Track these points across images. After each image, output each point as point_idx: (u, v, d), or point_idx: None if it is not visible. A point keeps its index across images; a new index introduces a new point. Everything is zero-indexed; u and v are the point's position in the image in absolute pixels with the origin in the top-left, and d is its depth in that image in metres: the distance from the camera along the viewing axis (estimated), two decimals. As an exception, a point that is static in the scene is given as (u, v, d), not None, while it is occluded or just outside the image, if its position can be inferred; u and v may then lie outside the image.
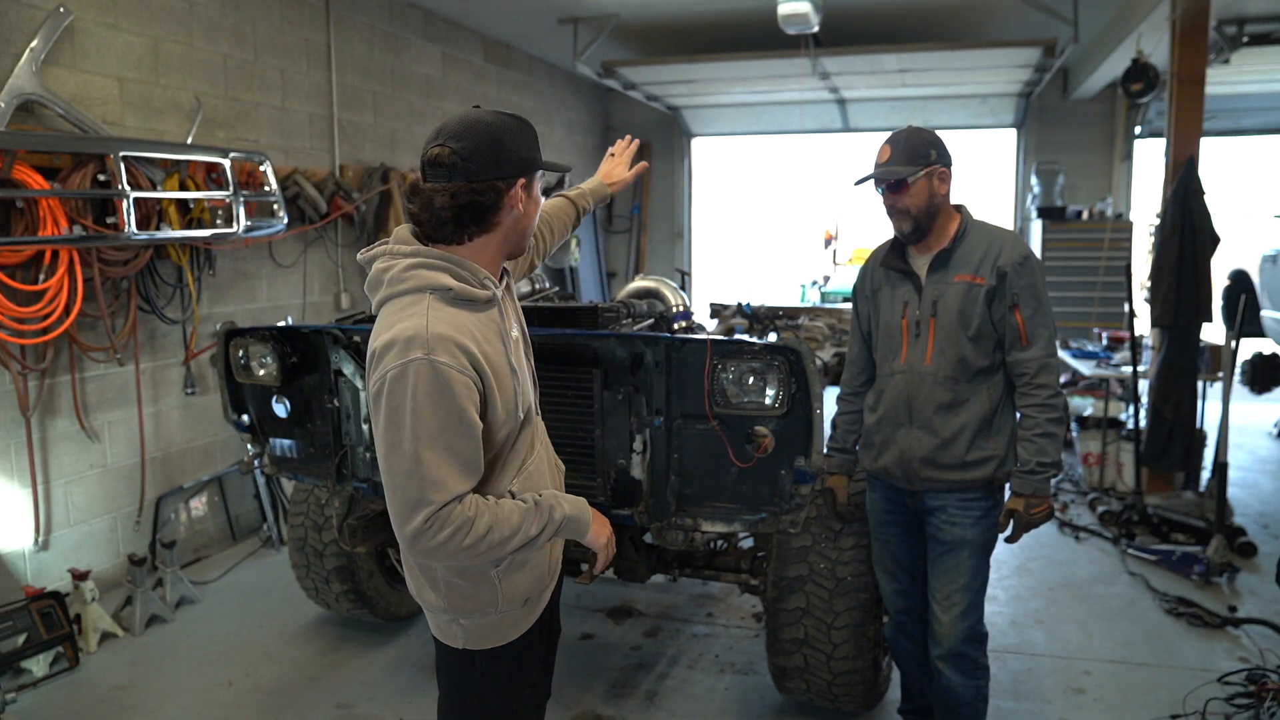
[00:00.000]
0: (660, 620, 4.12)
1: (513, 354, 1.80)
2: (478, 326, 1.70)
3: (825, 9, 5.98)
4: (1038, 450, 2.52)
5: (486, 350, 1.69)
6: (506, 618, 1.88)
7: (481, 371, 1.67)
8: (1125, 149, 9.07)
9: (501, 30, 7.78)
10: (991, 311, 2.55)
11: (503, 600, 1.84)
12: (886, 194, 2.59)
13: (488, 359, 1.69)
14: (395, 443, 1.61)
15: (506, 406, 1.75)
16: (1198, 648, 3.82)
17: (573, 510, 1.84)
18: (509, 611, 1.87)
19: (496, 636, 1.88)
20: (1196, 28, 5.42)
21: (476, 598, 1.83)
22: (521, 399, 1.80)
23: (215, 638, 4.00)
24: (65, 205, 3.84)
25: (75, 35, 4.11)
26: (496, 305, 1.77)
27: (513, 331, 1.84)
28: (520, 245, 1.81)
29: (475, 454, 1.67)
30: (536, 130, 1.79)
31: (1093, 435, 6.01)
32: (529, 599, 1.90)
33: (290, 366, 3.13)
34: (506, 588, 1.84)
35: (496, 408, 1.72)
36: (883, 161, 2.57)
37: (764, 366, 2.55)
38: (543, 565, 1.91)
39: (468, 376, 1.63)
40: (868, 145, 2.71)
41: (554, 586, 2.02)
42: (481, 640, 1.87)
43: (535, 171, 1.77)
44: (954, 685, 2.68)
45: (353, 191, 5.84)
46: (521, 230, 1.79)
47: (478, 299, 1.72)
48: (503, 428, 1.76)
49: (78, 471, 4.28)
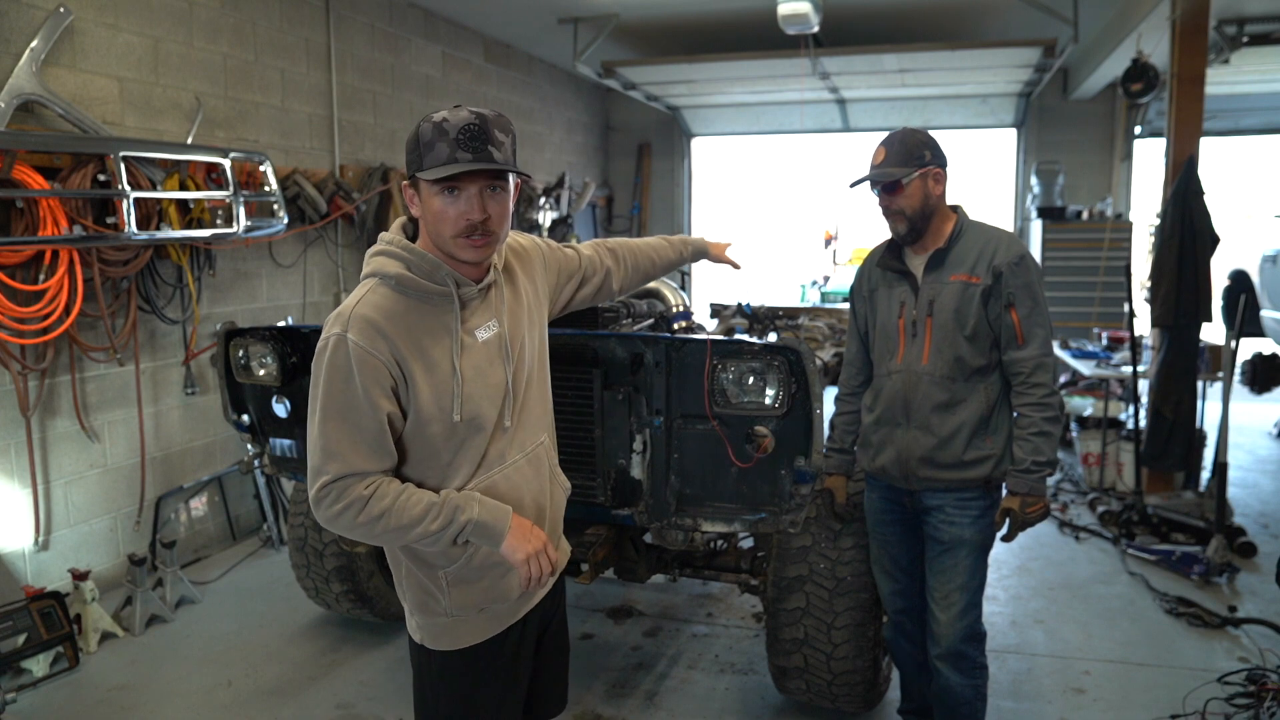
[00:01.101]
0: (660, 620, 4.12)
1: (460, 356, 1.74)
2: (418, 318, 1.72)
3: (825, 9, 5.98)
4: (1033, 449, 2.52)
5: (422, 342, 1.71)
6: (460, 623, 1.86)
7: (401, 359, 1.68)
8: (1125, 149, 9.07)
9: (501, 30, 7.78)
10: (988, 311, 2.55)
11: (450, 605, 1.84)
12: (882, 195, 2.59)
13: (418, 350, 1.70)
14: (311, 410, 1.71)
15: (437, 403, 1.72)
16: (1198, 648, 3.82)
17: (484, 517, 1.74)
18: (463, 617, 1.85)
19: (449, 639, 1.87)
20: (1196, 28, 5.42)
21: (426, 597, 1.86)
22: (461, 403, 1.73)
23: (215, 638, 4.00)
24: (65, 205, 3.84)
25: (75, 35, 4.11)
26: (452, 302, 1.75)
27: (480, 334, 1.78)
28: (445, 246, 1.72)
29: (381, 436, 1.69)
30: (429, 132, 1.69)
31: (1093, 435, 6.01)
32: (484, 609, 1.86)
33: (290, 366, 3.14)
34: (454, 594, 1.83)
35: (420, 400, 1.71)
36: (877, 163, 2.57)
37: (764, 366, 2.55)
38: (499, 583, 1.86)
39: (379, 359, 1.66)
40: (868, 145, 2.69)
41: (536, 605, 1.96)
42: (434, 639, 1.89)
43: (410, 176, 1.73)
44: (953, 685, 2.68)
45: (353, 191, 5.84)
46: (431, 230, 1.73)
47: (428, 291, 1.73)
48: (432, 424, 1.73)
49: (78, 471, 4.28)
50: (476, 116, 1.68)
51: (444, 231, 1.71)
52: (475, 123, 1.67)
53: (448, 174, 1.64)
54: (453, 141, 1.65)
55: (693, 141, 10.89)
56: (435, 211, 1.70)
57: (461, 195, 1.68)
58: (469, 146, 1.65)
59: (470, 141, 1.65)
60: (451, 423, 1.74)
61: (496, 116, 1.71)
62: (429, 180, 1.67)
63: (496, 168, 1.67)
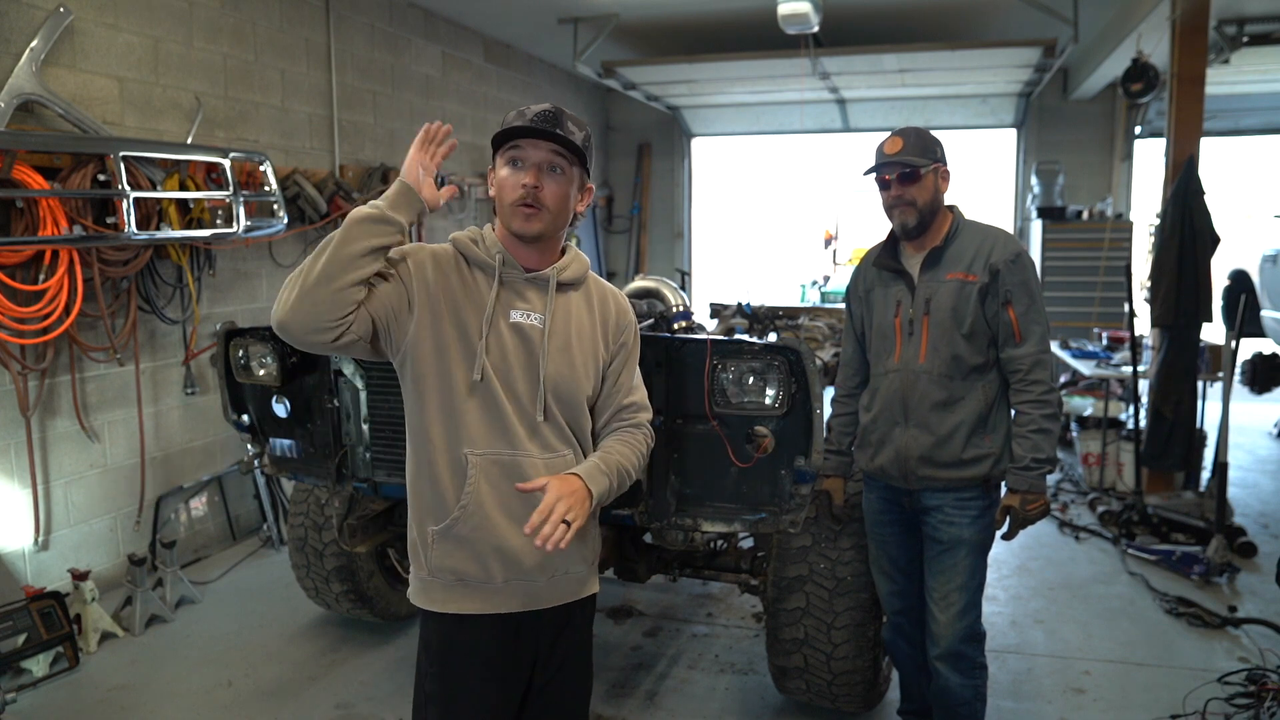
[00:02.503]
0: (660, 620, 4.12)
1: (474, 318, 1.84)
2: (461, 279, 1.87)
3: (825, 9, 5.98)
4: (1033, 446, 2.52)
5: (450, 282, 1.85)
6: (439, 585, 1.89)
7: (424, 270, 1.84)
8: (1125, 149, 9.07)
9: (501, 30, 7.78)
10: (985, 308, 2.55)
11: (432, 562, 1.88)
12: (895, 185, 2.56)
13: (444, 286, 1.84)
14: None
15: (436, 339, 1.83)
16: (1198, 648, 3.82)
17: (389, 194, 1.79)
18: (441, 579, 1.89)
19: (425, 599, 1.92)
20: (1196, 28, 5.42)
21: (416, 552, 1.93)
22: (460, 356, 1.83)
23: (215, 638, 4.00)
24: (65, 205, 3.83)
25: (75, 35, 4.11)
26: (494, 275, 1.87)
27: (513, 314, 1.87)
28: (504, 217, 1.87)
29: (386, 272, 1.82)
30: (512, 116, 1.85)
31: (1093, 435, 6.01)
32: (464, 580, 1.87)
33: (290, 366, 3.14)
34: (436, 552, 1.88)
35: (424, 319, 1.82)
36: (894, 152, 2.54)
37: (764, 366, 2.55)
38: (482, 560, 1.86)
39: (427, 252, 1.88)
40: (868, 145, 2.68)
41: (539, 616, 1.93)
42: (415, 594, 1.94)
43: (495, 151, 1.87)
44: (952, 685, 2.68)
45: (353, 191, 5.84)
46: (498, 203, 1.88)
47: (477, 259, 1.89)
48: (430, 357, 1.83)
49: (78, 471, 4.28)
50: (555, 106, 1.85)
51: (505, 198, 1.84)
52: (551, 109, 1.84)
53: (508, 127, 1.81)
54: (527, 119, 1.82)
55: (693, 141, 10.89)
56: (499, 180, 1.85)
57: (523, 166, 1.82)
58: (538, 122, 1.81)
59: (541, 120, 1.81)
60: (445, 367, 1.83)
61: (573, 114, 1.88)
62: (497, 148, 1.84)
63: (551, 135, 1.80)
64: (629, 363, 2.03)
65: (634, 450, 1.96)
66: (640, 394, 2.06)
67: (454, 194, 1.90)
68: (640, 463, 1.99)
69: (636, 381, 2.06)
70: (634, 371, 2.06)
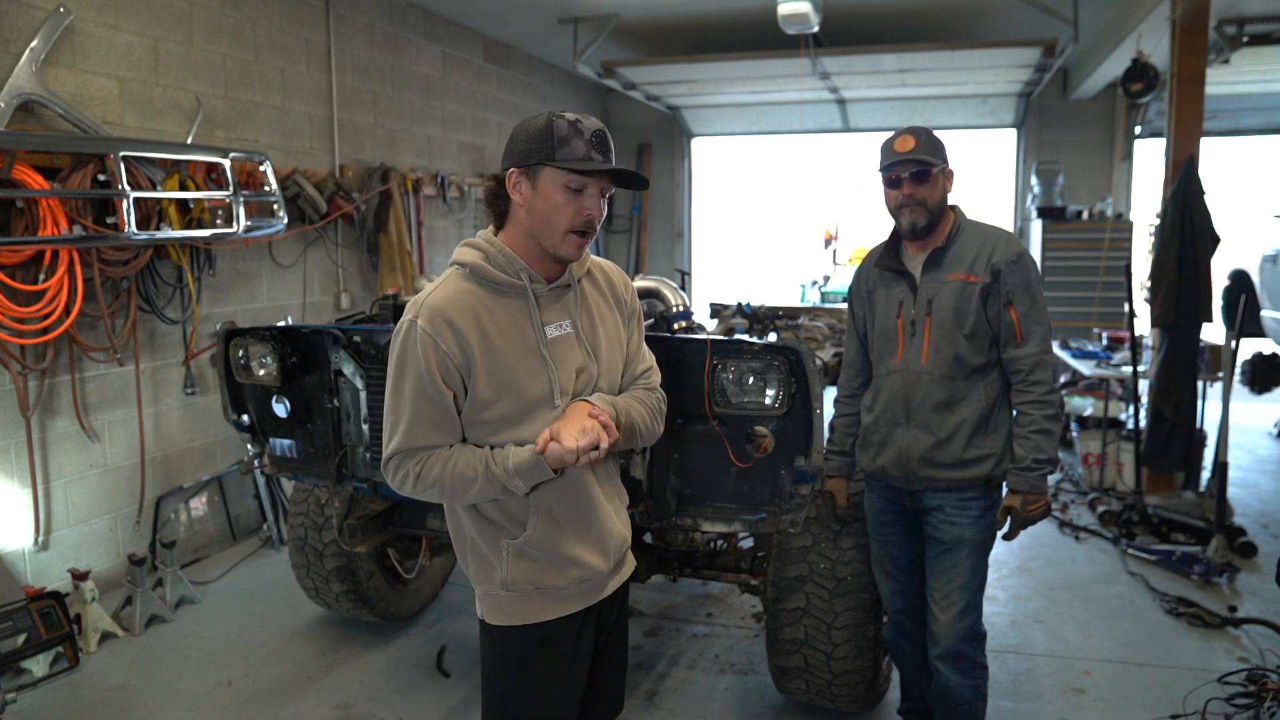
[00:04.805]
0: (660, 620, 4.12)
1: (546, 345, 1.84)
2: (487, 307, 1.81)
3: (825, 9, 5.99)
4: (1034, 447, 2.52)
5: (489, 331, 1.79)
6: (516, 598, 1.90)
7: (465, 347, 1.77)
8: (1125, 149, 9.07)
9: (501, 30, 7.78)
10: (986, 309, 2.55)
11: (507, 579, 1.88)
12: (908, 184, 2.54)
13: (484, 338, 1.79)
14: (387, 387, 1.85)
15: (498, 387, 1.80)
16: (1198, 648, 3.82)
17: (520, 457, 1.78)
18: (519, 591, 1.89)
19: (503, 615, 1.93)
20: (1196, 28, 5.42)
21: (486, 570, 1.92)
22: (533, 385, 1.82)
23: (215, 638, 4.00)
24: (65, 205, 3.84)
25: (75, 35, 4.11)
26: (526, 296, 1.84)
27: (550, 330, 1.85)
28: (549, 239, 1.80)
29: (443, 414, 1.81)
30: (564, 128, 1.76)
31: (1093, 435, 6.01)
32: (542, 588, 1.90)
33: (290, 366, 3.14)
34: (512, 567, 1.88)
35: (480, 384, 1.80)
36: (907, 149, 2.52)
37: (764, 366, 2.55)
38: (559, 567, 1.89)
39: (444, 348, 1.76)
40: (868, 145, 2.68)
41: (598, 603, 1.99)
42: (491, 614, 1.95)
43: (528, 164, 1.78)
44: (953, 685, 2.68)
45: (353, 191, 5.84)
46: (538, 221, 1.80)
47: (498, 281, 1.83)
48: (491, 408, 1.81)
49: (78, 471, 4.28)
50: (602, 125, 1.83)
51: (558, 224, 1.79)
52: (602, 130, 1.82)
53: (588, 169, 1.76)
54: (588, 141, 1.77)
55: (693, 141, 10.89)
56: (554, 204, 1.78)
57: (585, 193, 1.79)
58: (600, 149, 1.79)
59: (600, 145, 1.79)
60: (518, 406, 1.82)
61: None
62: (564, 170, 1.76)
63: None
64: (638, 327, 2.08)
65: (646, 406, 1.99)
66: (650, 357, 2.10)
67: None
68: (652, 422, 2.00)
69: (646, 348, 2.11)
70: (643, 334, 2.10)
